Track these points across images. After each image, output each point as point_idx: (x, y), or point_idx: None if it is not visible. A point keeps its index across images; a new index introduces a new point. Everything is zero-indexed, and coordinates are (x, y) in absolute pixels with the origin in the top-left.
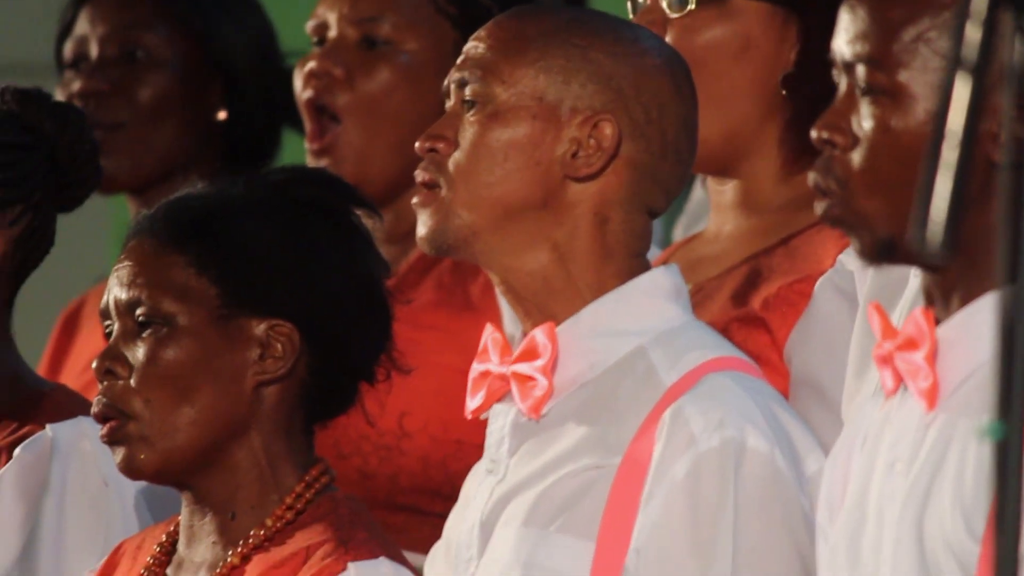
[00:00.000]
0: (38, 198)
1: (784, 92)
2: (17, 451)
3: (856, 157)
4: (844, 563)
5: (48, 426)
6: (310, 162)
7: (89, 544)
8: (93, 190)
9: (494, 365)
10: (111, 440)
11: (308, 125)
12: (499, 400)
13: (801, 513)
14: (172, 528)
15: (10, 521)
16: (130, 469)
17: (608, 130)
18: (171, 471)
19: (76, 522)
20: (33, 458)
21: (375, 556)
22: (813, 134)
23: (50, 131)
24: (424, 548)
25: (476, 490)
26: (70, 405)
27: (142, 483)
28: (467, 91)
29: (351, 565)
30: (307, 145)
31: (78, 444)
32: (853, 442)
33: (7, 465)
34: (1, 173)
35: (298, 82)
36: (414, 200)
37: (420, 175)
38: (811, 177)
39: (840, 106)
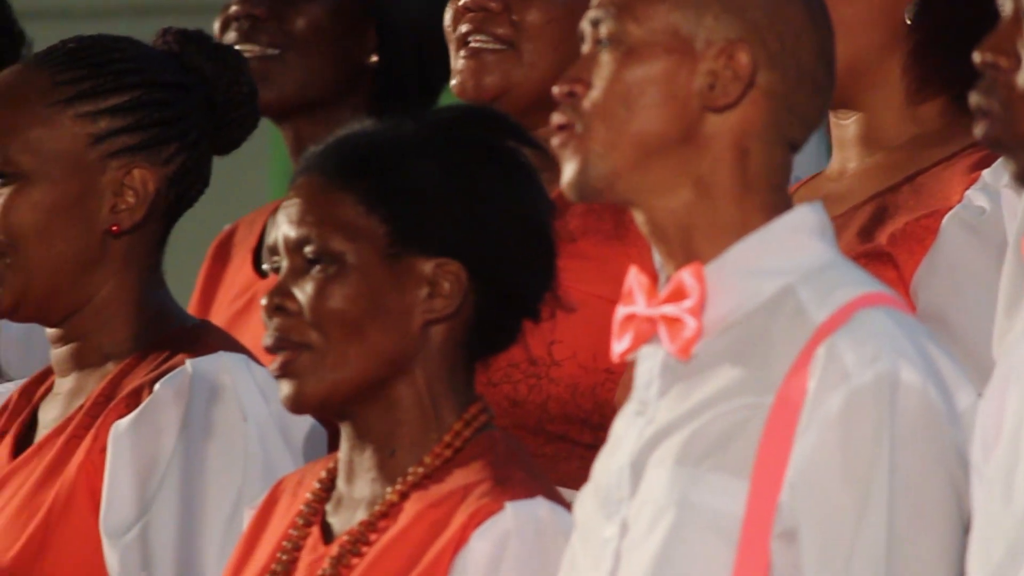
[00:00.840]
0: (193, 138)
1: (909, 22)
2: (157, 386)
3: (1021, 79)
4: (999, 500)
5: (188, 361)
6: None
7: (226, 480)
8: (249, 133)
9: (640, 308)
10: (283, 372)
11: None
12: (646, 342)
13: (955, 447)
14: (332, 465)
15: (149, 455)
16: (297, 402)
17: (744, 58)
18: (335, 402)
19: (214, 458)
20: (172, 392)
21: (532, 496)
22: (976, 57)
23: (209, 73)
24: (572, 482)
25: (625, 431)
26: (212, 341)
27: (281, 421)
28: (601, 30)
29: (508, 505)
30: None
31: (218, 379)
32: (1007, 379)
33: (147, 399)
34: (158, 111)
35: (448, 17)
36: (554, 141)
37: (557, 118)
38: (973, 98)
39: (1005, 29)
